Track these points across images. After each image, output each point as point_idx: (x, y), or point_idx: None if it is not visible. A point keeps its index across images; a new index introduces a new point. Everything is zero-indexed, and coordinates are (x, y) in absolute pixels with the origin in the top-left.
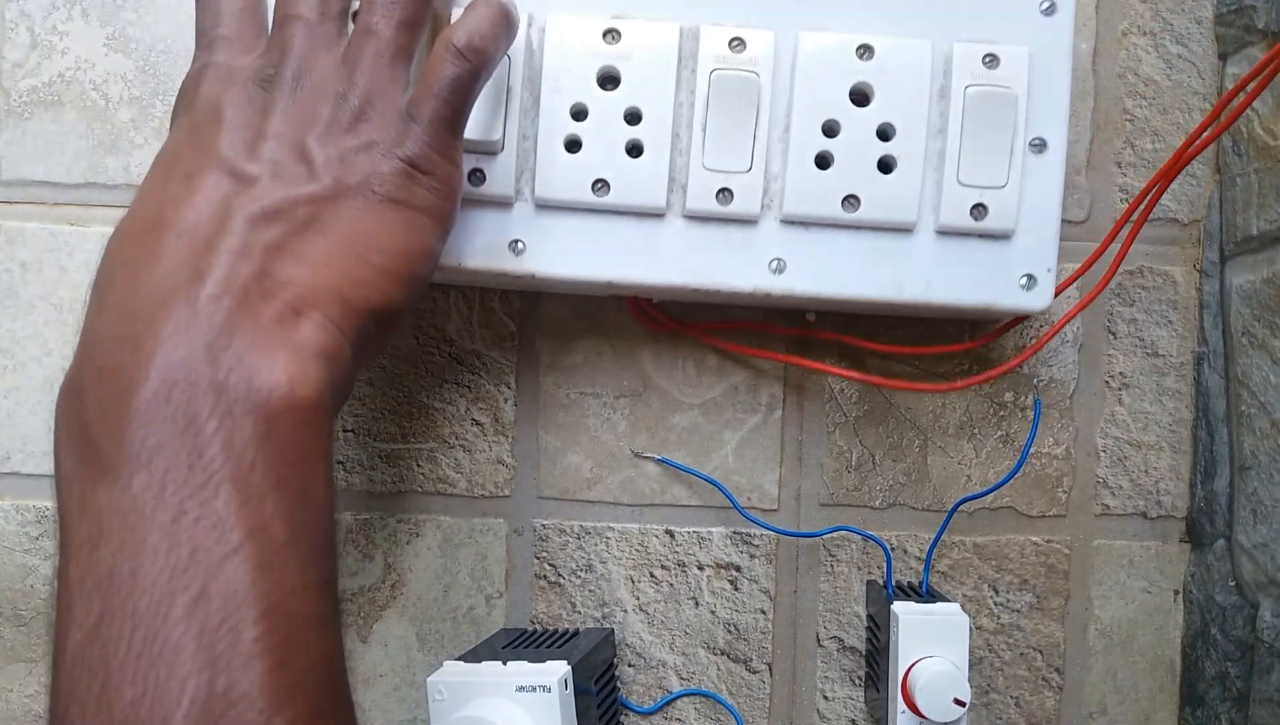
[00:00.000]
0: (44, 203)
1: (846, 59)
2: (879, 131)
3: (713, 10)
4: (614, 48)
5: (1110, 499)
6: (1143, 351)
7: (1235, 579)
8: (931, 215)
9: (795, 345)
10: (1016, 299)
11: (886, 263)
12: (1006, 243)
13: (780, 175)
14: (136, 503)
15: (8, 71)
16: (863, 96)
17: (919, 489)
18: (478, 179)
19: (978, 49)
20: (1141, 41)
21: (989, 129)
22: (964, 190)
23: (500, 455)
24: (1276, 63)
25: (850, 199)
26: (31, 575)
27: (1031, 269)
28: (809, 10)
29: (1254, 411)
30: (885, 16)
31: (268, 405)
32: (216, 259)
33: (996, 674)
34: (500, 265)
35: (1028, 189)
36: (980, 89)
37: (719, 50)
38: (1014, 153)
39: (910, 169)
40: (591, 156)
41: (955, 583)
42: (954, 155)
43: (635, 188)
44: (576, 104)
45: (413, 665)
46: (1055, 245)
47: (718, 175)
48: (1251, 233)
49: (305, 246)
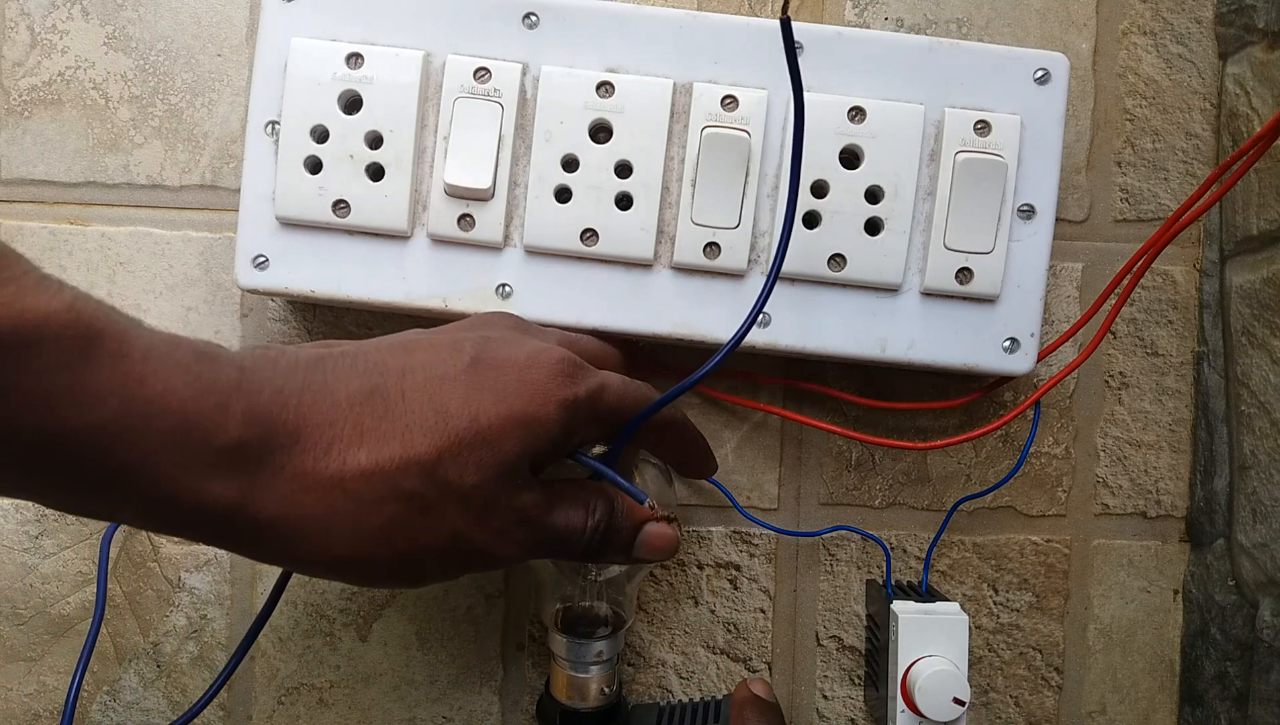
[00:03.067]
0: (44, 202)
1: (838, 120)
2: (868, 193)
3: (706, 68)
4: (607, 101)
5: (1110, 498)
6: (1143, 351)
7: (1235, 578)
8: (917, 277)
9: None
10: (999, 361)
11: (871, 321)
12: (991, 306)
13: (768, 232)
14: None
15: (8, 70)
16: (853, 158)
17: (918, 488)
18: (467, 223)
19: (969, 115)
20: (1142, 41)
21: (978, 194)
22: (950, 254)
23: None
24: (1270, 135)
25: (836, 258)
26: (31, 574)
27: (1015, 333)
28: (803, 71)
29: (1254, 411)
30: (879, 80)
31: None
32: None
33: (996, 673)
34: (486, 308)
35: (1014, 254)
36: (970, 155)
37: (711, 107)
38: (1001, 219)
39: (898, 231)
40: (581, 206)
41: (955, 582)
42: (942, 219)
43: (624, 239)
44: (568, 154)
45: (412, 664)
46: (1040, 310)
47: (706, 230)
48: (1251, 233)
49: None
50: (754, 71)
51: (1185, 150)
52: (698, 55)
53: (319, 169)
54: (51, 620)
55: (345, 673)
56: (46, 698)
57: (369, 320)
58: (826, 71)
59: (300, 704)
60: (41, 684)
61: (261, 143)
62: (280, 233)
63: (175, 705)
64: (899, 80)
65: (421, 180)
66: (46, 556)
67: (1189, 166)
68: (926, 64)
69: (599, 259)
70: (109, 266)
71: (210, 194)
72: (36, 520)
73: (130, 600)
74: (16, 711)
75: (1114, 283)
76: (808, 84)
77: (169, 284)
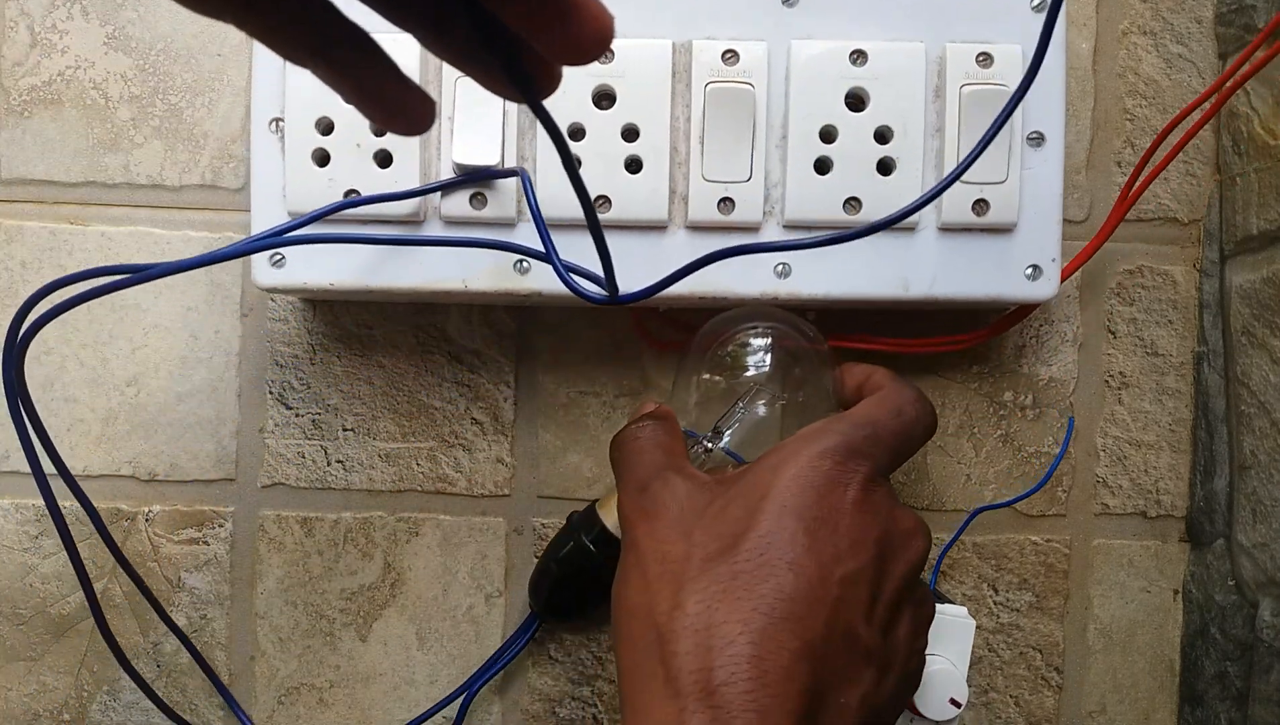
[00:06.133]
0: (44, 202)
1: (840, 65)
2: (877, 134)
3: (704, 25)
4: (608, 66)
5: (1110, 498)
6: (1143, 351)
7: (1235, 578)
8: (933, 213)
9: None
10: (1023, 289)
11: (891, 262)
12: (1010, 236)
13: (780, 182)
14: None
15: (8, 70)
16: (858, 101)
17: (919, 488)
18: (479, 202)
19: (971, 49)
20: (1142, 41)
21: (986, 125)
22: (965, 187)
23: (500, 454)
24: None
25: (852, 201)
26: (31, 574)
27: (1036, 260)
28: (800, 20)
29: (1254, 411)
30: (877, 21)
31: None
32: None
33: (996, 673)
34: (506, 285)
35: (1028, 182)
36: (975, 87)
37: (712, 63)
38: (1012, 148)
39: (910, 169)
40: (591, 174)
41: (955, 582)
42: (953, 153)
43: (636, 202)
44: (573, 123)
45: (412, 664)
46: (1058, 235)
47: (718, 186)
48: (1251, 232)
49: None
50: (751, 24)
51: (1185, 150)
52: (694, 13)
53: (327, 161)
54: (51, 620)
55: (345, 673)
56: (46, 698)
57: (369, 319)
58: (825, 17)
59: (300, 704)
60: (41, 684)
61: (267, 140)
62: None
63: (175, 705)
64: (898, 20)
65: (430, 163)
66: (46, 556)
67: (1189, 166)
68: (924, 1)
69: (613, 225)
70: None
71: (210, 194)
72: (36, 520)
73: (130, 600)
74: (16, 711)
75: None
76: (806, 32)
77: (169, 283)
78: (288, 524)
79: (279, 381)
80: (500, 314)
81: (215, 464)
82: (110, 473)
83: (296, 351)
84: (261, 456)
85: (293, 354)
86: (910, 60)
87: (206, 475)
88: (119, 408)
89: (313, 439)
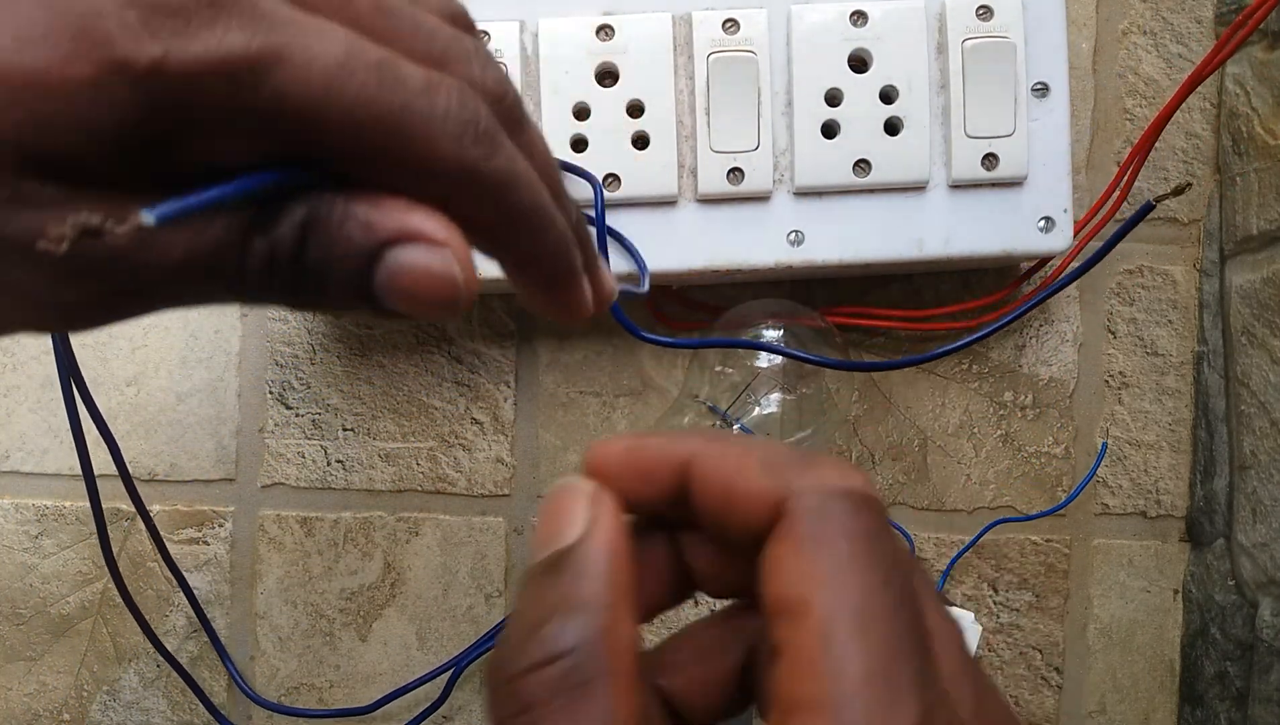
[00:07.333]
0: None
1: (841, 27)
2: (882, 94)
3: None
4: (608, 43)
5: (1110, 498)
6: (1143, 351)
7: (1234, 578)
8: (943, 170)
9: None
10: (1037, 242)
11: (904, 222)
12: (1020, 189)
13: (788, 149)
14: None
15: None
16: (861, 62)
17: (919, 488)
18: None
19: (970, 2)
20: (1141, 41)
21: (991, 78)
22: (973, 142)
23: (500, 454)
24: None
25: (861, 164)
26: (31, 574)
27: (1048, 211)
28: None
29: (1254, 411)
30: None
31: None
32: None
33: (996, 673)
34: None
35: (1035, 133)
36: (977, 41)
37: (713, 34)
38: (1018, 100)
39: (917, 127)
40: (598, 153)
41: (954, 582)
42: (959, 109)
43: (645, 178)
44: (578, 103)
45: (412, 664)
46: (1069, 186)
47: (726, 156)
48: (1251, 232)
49: None
50: None
51: (1185, 150)
52: None
53: None
54: (51, 620)
55: (345, 672)
56: (46, 697)
57: (369, 319)
58: None
59: (300, 704)
60: (41, 684)
61: None
62: None
63: (175, 705)
64: None
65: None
66: (46, 556)
67: (1189, 166)
68: None
69: (623, 203)
70: None
71: None
72: (36, 519)
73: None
74: (16, 711)
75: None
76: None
77: None
78: (288, 524)
79: (279, 381)
80: (500, 314)
81: (215, 464)
82: (110, 472)
83: (296, 351)
84: (261, 456)
85: (293, 354)
86: (910, 18)
87: (206, 475)
88: (119, 407)
89: (313, 439)
